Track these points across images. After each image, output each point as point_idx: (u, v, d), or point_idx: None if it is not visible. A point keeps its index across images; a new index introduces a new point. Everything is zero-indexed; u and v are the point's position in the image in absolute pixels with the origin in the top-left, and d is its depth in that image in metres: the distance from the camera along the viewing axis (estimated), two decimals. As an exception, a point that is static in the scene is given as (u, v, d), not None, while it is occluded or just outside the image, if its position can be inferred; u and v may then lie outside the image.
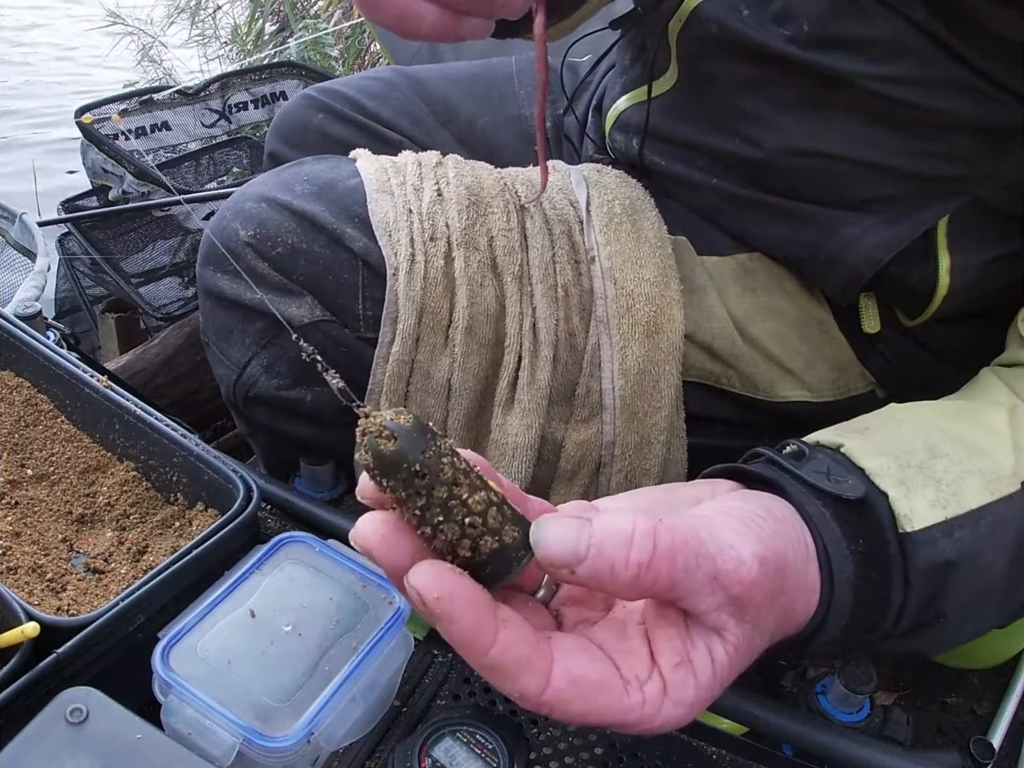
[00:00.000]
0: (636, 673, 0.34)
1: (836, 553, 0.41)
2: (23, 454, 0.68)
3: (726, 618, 0.35)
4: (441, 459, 0.31)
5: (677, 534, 0.32)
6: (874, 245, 0.66)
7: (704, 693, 0.35)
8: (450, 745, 0.52)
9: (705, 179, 0.73)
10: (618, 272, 0.69)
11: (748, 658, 0.37)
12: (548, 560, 0.32)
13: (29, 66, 4.20)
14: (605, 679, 0.34)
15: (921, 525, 0.44)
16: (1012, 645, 1.31)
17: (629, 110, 0.78)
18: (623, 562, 0.31)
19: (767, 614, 0.36)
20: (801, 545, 0.40)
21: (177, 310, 1.57)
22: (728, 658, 0.35)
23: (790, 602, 0.39)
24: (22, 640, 0.48)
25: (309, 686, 0.50)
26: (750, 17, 0.63)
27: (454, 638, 0.32)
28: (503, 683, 0.33)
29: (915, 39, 0.57)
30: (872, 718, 0.95)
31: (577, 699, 0.33)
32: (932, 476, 0.46)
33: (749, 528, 0.36)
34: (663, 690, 0.34)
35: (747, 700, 0.57)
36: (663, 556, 0.31)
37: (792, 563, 0.38)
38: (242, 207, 0.70)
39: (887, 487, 0.44)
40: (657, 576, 0.32)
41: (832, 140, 0.64)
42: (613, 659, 0.35)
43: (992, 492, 0.46)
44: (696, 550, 0.33)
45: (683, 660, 0.34)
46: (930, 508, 0.44)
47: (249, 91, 1.78)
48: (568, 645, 0.34)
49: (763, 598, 0.35)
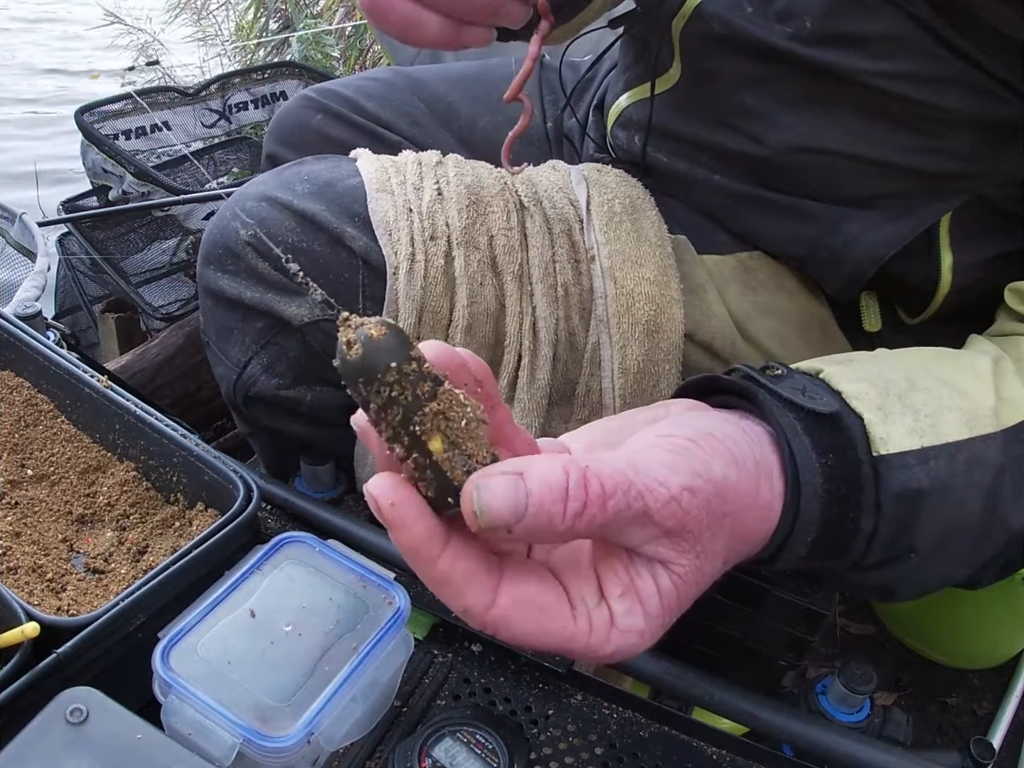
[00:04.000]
0: (585, 600, 0.35)
1: (804, 464, 0.41)
2: (23, 454, 0.68)
3: (665, 551, 0.35)
4: (408, 375, 0.30)
5: (606, 479, 0.32)
6: (876, 242, 0.66)
7: (654, 622, 0.35)
8: (450, 745, 0.52)
9: (707, 176, 0.73)
10: (618, 271, 0.69)
11: (700, 584, 0.37)
12: (490, 524, 0.31)
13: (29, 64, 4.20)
14: (551, 603, 0.34)
15: (896, 449, 0.43)
16: (1012, 645, 1.31)
17: (631, 107, 0.78)
18: (560, 516, 0.31)
19: (711, 540, 0.36)
20: (749, 463, 0.39)
21: (177, 310, 1.57)
22: (675, 587, 0.36)
23: (738, 523, 0.38)
24: (22, 640, 0.48)
25: (309, 686, 0.50)
26: (753, 14, 0.63)
27: (404, 545, 0.32)
28: (450, 597, 0.33)
29: (917, 36, 0.57)
30: (872, 718, 0.95)
31: (523, 620, 0.34)
32: (910, 406, 0.45)
33: (678, 457, 0.36)
34: (610, 619, 0.35)
35: (747, 700, 0.57)
36: (594, 503, 0.32)
37: (735, 484, 0.38)
38: (242, 206, 0.70)
39: (863, 410, 0.44)
40: (591, 522, 0.32)
41: (834, 137, 0.64)
42: (564, 584, 0.35)
43: (971, 429, 0.46)
44: (626, 491, 0.33)
45: (628, 589, 0.35)
46: (907, 435, 0.44)
47: (249, 91, 1.78)
48: (519, 566, 0.35)
49: (700, 527, 0.35)
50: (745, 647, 0.87)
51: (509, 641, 0.34)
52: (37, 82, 3.95)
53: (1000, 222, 0.65)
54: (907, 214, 0.65)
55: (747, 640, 0.87)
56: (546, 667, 0.60)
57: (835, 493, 0.42)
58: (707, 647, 0.89)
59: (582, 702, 0.60)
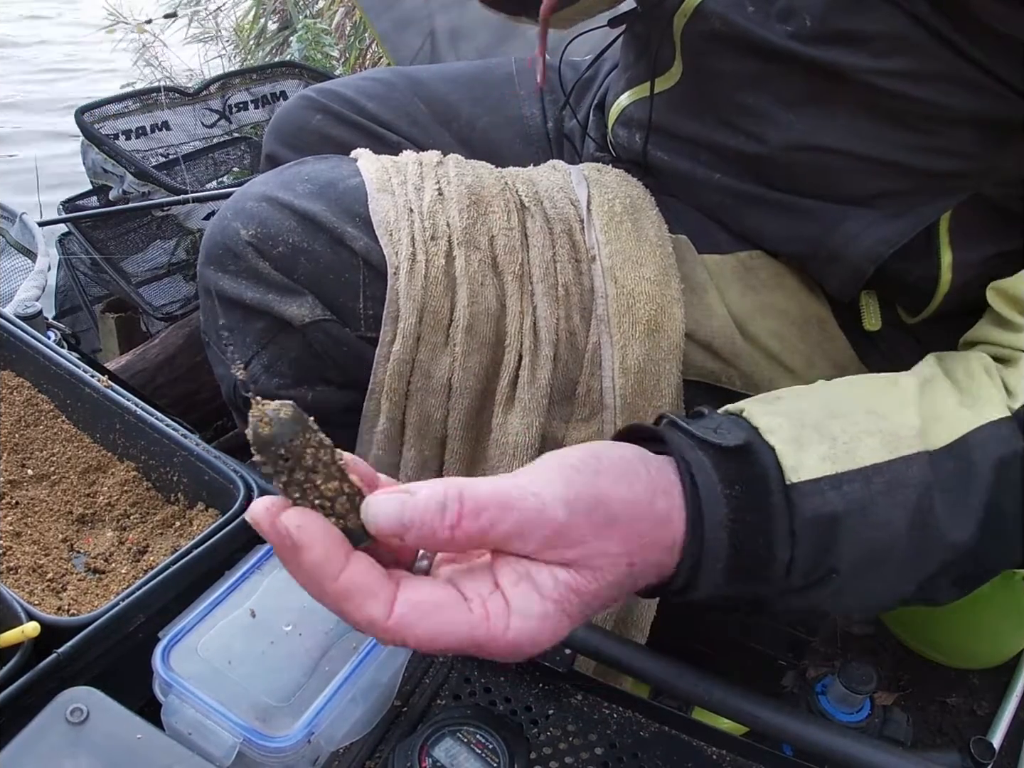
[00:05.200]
0: (479, 592, 0.38)
1: (708, 496, 0.42)
2: (23, 454, 0.68)
3: (552, 555, 0.38)
4: (306, 448, 0.38)
5: (481, 495, 0.37)
6: (876, 240, 0.66)
7: (551, 605, 0.38)
8: (450, 745, 0.52)
9: (708, 175, 0.73)
10: (619, 271, 0.69)
11: (611, 583, 0.39)
12: (379, 531, 0.37)
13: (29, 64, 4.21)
14: (446, 598, 0.38)
15: (808, 477, 0.44)
16: (1012, 645, 1.31)
17: (632, 106, 0.78)
18: (439, 526, 0.36)
19: (601, 544, 0.39)
20: (640, 477, 0.41)
21: (177, 310, 1.57)
22: (574, 580, 0.38)
23: (632, 530, 0.40)
24: (22, 640, 0.48)
25: (309, 686, 0.50)
26: (754, 13, 0.63)
27: (307, 564, 0.36)
28: (352, 611, 0.36)
29: (917, 34, 0.57)
30: (872, 718, 0.95)
31: (421, 620, 0.36)
32: (827, 434, 0.46)
33: (559, 475, 0.39)
34: (506, 605, 0.37)
35: (747, 700, 0.57)
36: (468, 516, 0.36)
37: (622, 495, 0.40)
38: (243, 206, 0.70)
39: (775, 442, 0.45)
40: (469, 532, 0.37)
41: (834, 135, 0.64)
42: (460, 587, 0.38)
43: (890, 452, 0.46)
44: (500, 504, 0.37)
45: (522, 577, 0.38)
46: (819, 461, 0.44)
47: (249, 91, 1.78)
48: (414, 579, 0.39)
49: (582, 533, 0.38)
50: (745, 647, 0.87)
51: (416, 647, 0.37)
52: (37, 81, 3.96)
53: (1000, 220, 0.65)
54: (907, 212, 0.65)
55: (747, 640, 0.87)
56: (546, 667, 0.60)
57: (742, 522, 0.43)
58: (707, 647, 0.89)
59: (582, 702, 0.60)
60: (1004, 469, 0.47)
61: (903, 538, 0.45)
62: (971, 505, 0.46)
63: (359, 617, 0.36)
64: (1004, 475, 0.47)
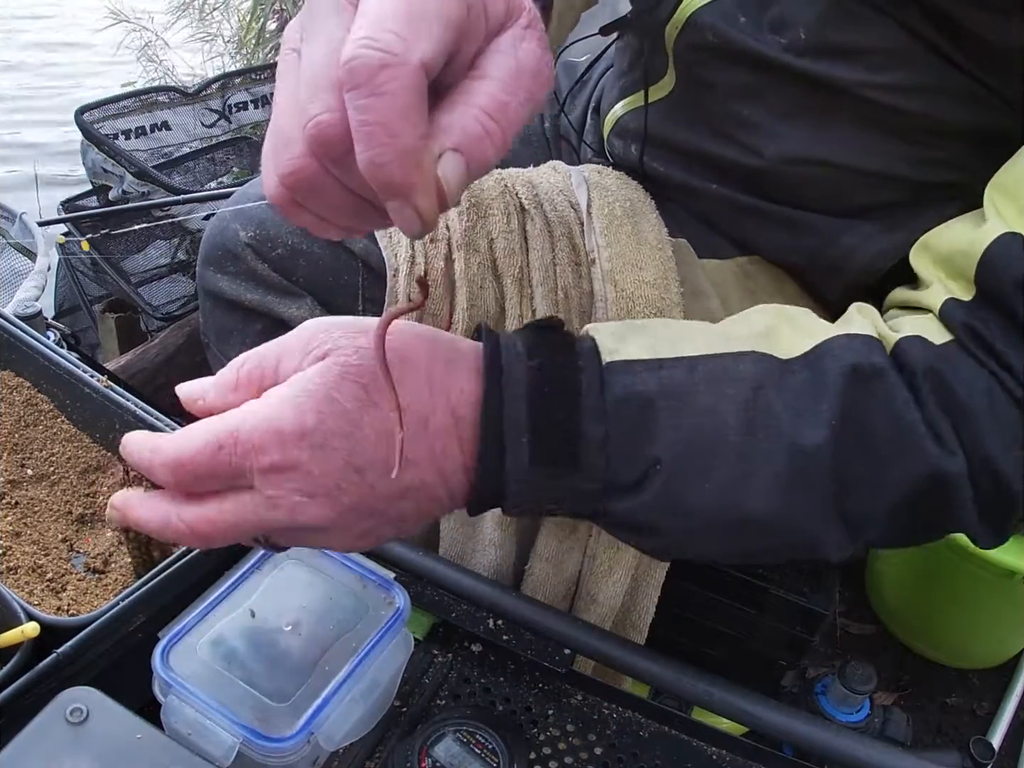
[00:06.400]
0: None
1: (510, 366, 0.41)
2: (23, 454, 0.68)
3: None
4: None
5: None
6: (874, 254, 0.66)
7: (286, 389, 0.40)
8: (450, 745, 0.52)
9: (704, 185, 0.73)
10: (618, 274, 0.69)
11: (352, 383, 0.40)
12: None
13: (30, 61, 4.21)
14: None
15: (624, 358, 0.43)
16: (1012, 645, 1.31)
17: (627, 116, 0.78)
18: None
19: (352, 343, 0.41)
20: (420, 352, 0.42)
21: (177, 310, 1.57)
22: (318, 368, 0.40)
23: (410, 368, 0.41)
24: (22, 640, 0.48)
25: (309, 686, 0.50)
26: (747, 25, 0.63)
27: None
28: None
29: (912, 47, 0.57)
30: (872, 718, 0.95)
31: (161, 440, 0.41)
32: (652, 332, 0.45)
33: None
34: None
35: (747, 700, 0.57)
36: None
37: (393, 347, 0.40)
38: (242, 208, 0.70)
39: (595, 332, 0.44)
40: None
41: (830, 148, 0.64)
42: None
43: (717, 348, 0.44)
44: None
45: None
46: (639, 349, 0.43)
47: (249, 91, 1.79)
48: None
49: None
50: (745, 647, 0.87)
51: (167, 473, 0.40)
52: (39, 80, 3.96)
53: None
54: (904, 225, 0.64)
55: (747, 640, 0.87)
56: (546, 667, 0.60)
57: (541, 391, 0.41)
58: (707, 647, 0.89)
59: (582, 702, 0.60)
60: (859, 379, 0.43)
61: (732, 431, 0.42)
62: (820, 411, 0.43)
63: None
64: (859, 385, 0.43)
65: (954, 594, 1.26)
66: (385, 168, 0.31)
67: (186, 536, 0.41)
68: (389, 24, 0.30)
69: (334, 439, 0.39)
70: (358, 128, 0.31)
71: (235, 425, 0.39)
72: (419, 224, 0.33)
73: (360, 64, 0.30)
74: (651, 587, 0.75)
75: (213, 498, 0.41)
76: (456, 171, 0.33)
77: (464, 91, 0.34)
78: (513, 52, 0.35)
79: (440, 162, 0.33)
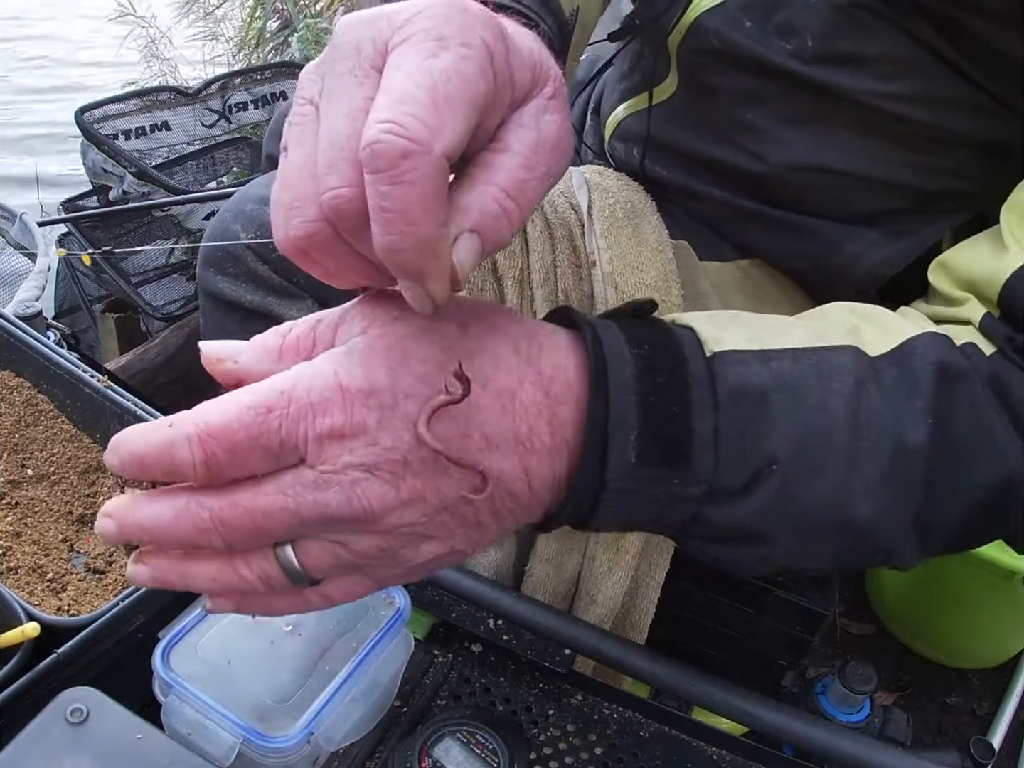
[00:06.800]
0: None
1: (613, 353, 0.37)
2: (23, 454, 0.68)
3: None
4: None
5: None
6: (878, 261, 0.66)
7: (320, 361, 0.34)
8: (450, 745, 0.52)
9: (707, 190, 0.72)
10: (619, 276, 0.69)
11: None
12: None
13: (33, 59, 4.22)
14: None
15: (732, 348, 0.39)
16: (1012, 645, 1.31)
17: (628, 119, 0.78)
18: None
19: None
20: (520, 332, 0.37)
21: (177, 310, 1.57)
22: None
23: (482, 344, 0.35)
24: (22, 640, 0.48)
25: (309, 686, 0.50)
26: (752, 30, 0.63)
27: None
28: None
29: (918, 56, 0.57)
30: (872, 718, 0.95)
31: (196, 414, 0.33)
32: (748, 323, 0.41)
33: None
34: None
35: (747, 700, 0.57)
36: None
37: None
38: (242, 209, 0.70)
39: (690, 321, 0.40)
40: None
41: (834, 154, 0.64)
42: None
43: (816, 341, 0.41)
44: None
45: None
46: (744, 340, 0.40)
47: (249, 91, 1.79)
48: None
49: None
50: (745, 647, 0.87)
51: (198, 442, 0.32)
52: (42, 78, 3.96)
53: None
54: (909, 232, 0.65)
55: (747, 640, 0.87)
56: (546, 667, 0.60)
57: (652, 383, 0.37)
58: (707, 647, 0.89)
59: (582, 702, 0.60)
60: (946, 379, 0.42)
61: (843, 428, 0.39)
62: (915, 409, 0.41)
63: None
64: (946, 385, 0.41)
65: (954, 594, 1.26)
66: (401, 254, 0.30)
67: (207, 531, 0.32)
68: (414, 108, 0.29)
69: (408, 403, 0.33)
70: (377, 212, 0.30)
71: (286, 385, 0.32)
72: (430, 305, 0.32)
73: (383, 149, 0.29)
74: (651, 587, 0.75)
75: (245, 482, 0.33)
76: (471, 253, 0.32)
77: (484, 166, 0.33)
78: (535, 125, 0.34)
79: (456, 245, 0.32)
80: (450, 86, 0.30)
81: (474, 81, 0.31)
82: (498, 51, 0.32)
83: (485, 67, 0.31)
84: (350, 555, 0.34)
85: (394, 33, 0.31)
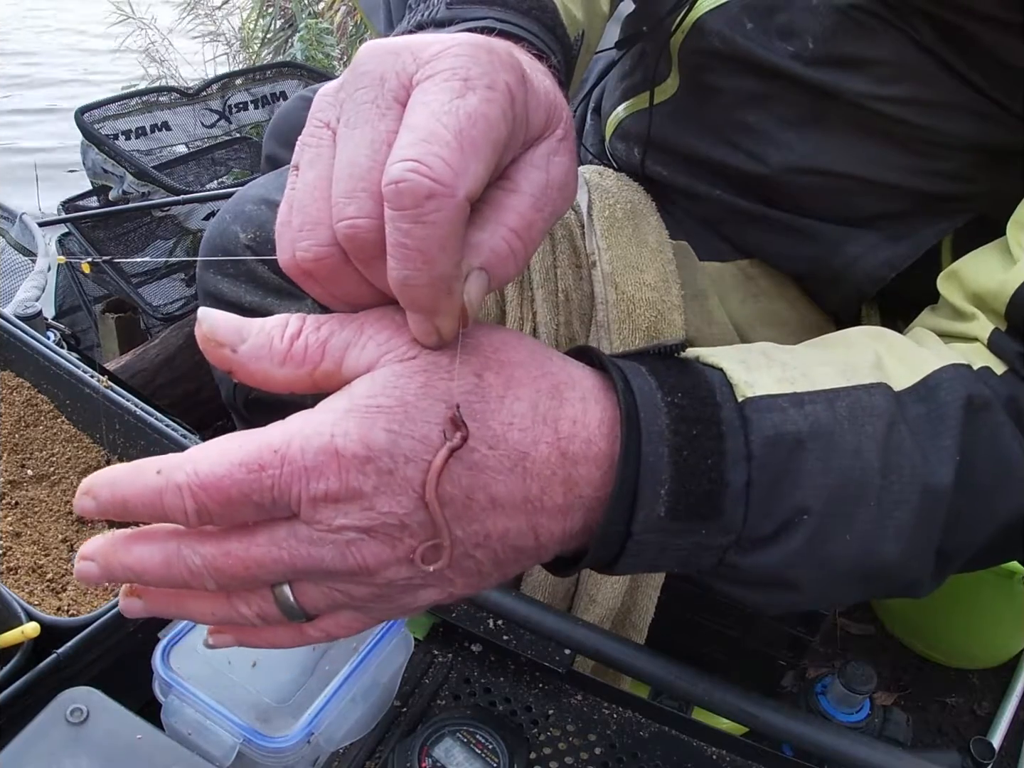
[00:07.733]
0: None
1: (645, 402, 0.36)
2: (23, 454, 0.68)
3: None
4: None
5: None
6: (878, 264, 0.66)
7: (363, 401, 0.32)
8: (450, 745, 0.52)
9: (707, 191, 0.72)
10: (619, 277, 0.69)
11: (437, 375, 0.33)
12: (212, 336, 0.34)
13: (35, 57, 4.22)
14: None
15: (764, 392, 0.38)
16: (1012, 645, 1.31)
17: (629, 119, 0.78)
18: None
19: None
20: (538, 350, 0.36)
21: (177, 310, 1.57)
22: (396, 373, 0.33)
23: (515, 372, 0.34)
24: (22, 640, 0.48)
25: (309, 686, 0.50)
26: (754, 31, 0.63)
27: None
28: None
29: (920, 60, 0.57)
30: (872, 718, 0.95)
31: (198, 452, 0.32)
32: (777, 360, 0.40)
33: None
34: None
35: (747, 700, 0.57)
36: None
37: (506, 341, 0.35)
38: (242, 209, 0.70)
39: (721, 362, 0.39)
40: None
41: (835, 157, 0.64)
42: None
43: (847, 379, 0.40)
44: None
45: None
46: (775, 382, 0.38)
47: (249, 91, 1.79)
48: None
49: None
50: (745, 647, 0.87)
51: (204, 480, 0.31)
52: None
53: None
54: (909, 235, 0.64)
55: (747, 640, 0.87)
56: (546, 667, 0.60)
57: (686, 435, 0.35)
58: (707, 647, 0.89)
59: (582, 702, 0.60)
60: (972, 411, 0.41)
61: (876, 474, 0.38)
62: (944, 447, 0.40)
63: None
64: (971, 417, 0.41)
65: (954, 594, 1.26)
66: (415, 289, 0.30)
67: (200, 576, 0.32)
68: (439, 149, 0.29)
69: (408, 467, 0.31)
70: (395, 248, 0.30)
71: (280, 443, 0.31)
72: (436, 339, 0.32)
73: (408, 188, 0.29)
74: (651, 587, 0.75)
75: (238, 531, 0.32)
76: (479, 289, 0.32)
77: (495, 206, 0.33)
78: (545, 166, 0.34)
79: (466, 282, 0.32)
80: (475, 130, 0.30)
81: (497, 125, 0.31)
82: (519, 94, 0.32)
83: (507, 110, 0.31)
84: (347, 599, 0.34)
85: (419, 68, 0.31)
